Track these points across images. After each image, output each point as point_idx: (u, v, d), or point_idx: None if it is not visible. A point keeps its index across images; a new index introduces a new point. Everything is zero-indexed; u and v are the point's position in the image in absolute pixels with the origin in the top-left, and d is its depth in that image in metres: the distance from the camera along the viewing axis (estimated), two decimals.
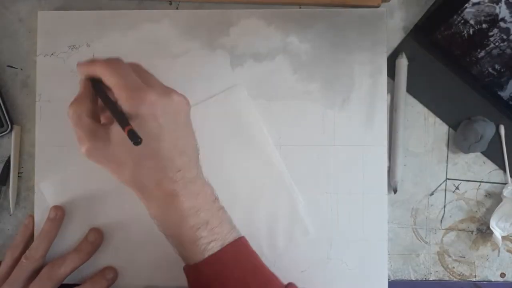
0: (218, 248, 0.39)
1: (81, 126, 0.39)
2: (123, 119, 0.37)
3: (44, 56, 0.49)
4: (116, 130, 0.38)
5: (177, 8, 0.51)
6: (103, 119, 0.43)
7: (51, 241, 0.47)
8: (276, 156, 0.49)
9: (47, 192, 0.49)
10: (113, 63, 0.39)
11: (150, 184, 0.39)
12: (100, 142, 0.38)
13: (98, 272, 0.48)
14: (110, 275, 0.48)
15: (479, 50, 0.47)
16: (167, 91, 0.40)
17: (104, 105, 0.40)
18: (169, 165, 0.38)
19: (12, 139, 0.50)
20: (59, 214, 0.48)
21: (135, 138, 0.35)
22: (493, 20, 0.46)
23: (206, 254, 0.39)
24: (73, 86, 0.49)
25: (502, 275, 0.50)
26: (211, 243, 0.39)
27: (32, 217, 0.49)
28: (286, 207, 0.48)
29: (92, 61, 0.40)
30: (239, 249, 0.41)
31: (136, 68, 0.41)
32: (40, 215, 0.49)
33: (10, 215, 0.51)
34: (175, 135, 0.39)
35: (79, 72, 0.41)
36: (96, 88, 0.41)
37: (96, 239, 0.48)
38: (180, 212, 0.39)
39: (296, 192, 0.48)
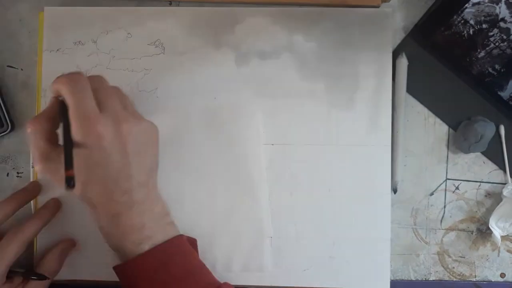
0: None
1: (35, 146, 0.39)
2: (68, 161, 0.37)
3: (50, 52, 0.49)
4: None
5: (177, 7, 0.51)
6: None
7: (17, 207, 0.46)
8: (260, 159, 0.49)
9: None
10: (73, 81, 0.38)
11: (97, 203, 0.40)
12: (52, 164, 0.39)
13: (42, 206, 0.48)
14: (51, 204, 0.48)
15: (479, 50, 0.47)
16: (119, 118, 0.39)
17: (63, 130, 0.40)
18: (115, 189, 0.39)
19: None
20: (56, 207, 0.48)
21: (68, 183, 0.37)
22: (493, 20, 0.46)
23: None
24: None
25: (502, 275, 0.50)
26: None
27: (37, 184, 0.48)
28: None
29: (58, 78, 0.39)
30: (171, 249, 0.41)
31: (97, 83, 0.40)
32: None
33: None
34: (123, 162, 0.39)
35: (50, 89, 0.41)
36: (63, 110, 0.39)
37: (54, 206, 0.48)
38: (123, 228, 0.40)
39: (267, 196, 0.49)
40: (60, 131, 0.40)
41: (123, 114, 0.40)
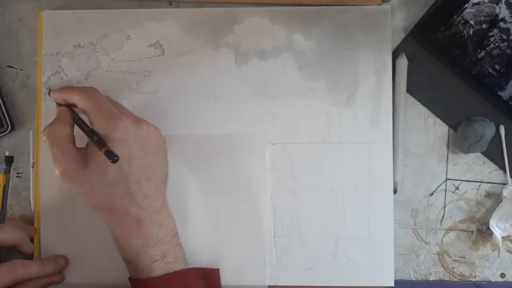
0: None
1: (59, 147, 0.40)
2: (99, 141, 0.39)
3: (50, 56, 0.49)
4: (91, 154, 0.40)
5: (177, 8, 0.51)
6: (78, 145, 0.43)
7: (42, 274, 0.46)
8: (267, 206, 0.49)
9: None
10: (89, 90, 0.41)
11: (119, 208, 0.40)
12: (76, 164, 0.40)
13: (51, 256, 0.48)
14: (61, 262, 0.48)
15: (479, 50, 0.47)
16: (138, 120, 0.42)
17: (80, 129, 0.42)
18: (137, 190, 0.40)
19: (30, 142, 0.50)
20: (63, 265, 0.48)
21: (112, 157, 0.37)
22: (493, 20, 0.46)
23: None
24: (79, 85, 0.49)
25: (502, 275, 0.50)
26: None
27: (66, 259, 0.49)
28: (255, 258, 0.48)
29: (68, 88, 0.42)
30: (184, 278, 0.42)
31: (109, 99, 0.43)
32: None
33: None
34: (144, 161, 0.41)
35: (53, 98, 0.43)
36: (72, 114, 0.43)
37: (64, 264, 0.48)
38: (142, 241, 0.41)
39: (272, 250, 0.49)
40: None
41: (139, 117, 0.42)
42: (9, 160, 0.49)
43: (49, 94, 0.44)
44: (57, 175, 0.40)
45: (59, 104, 0.44)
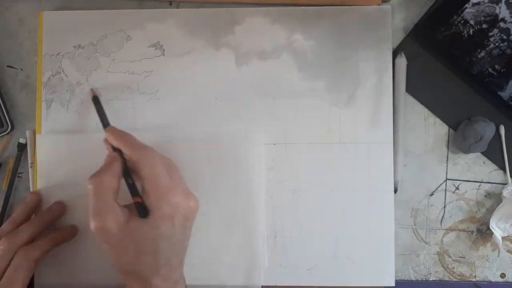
0: None
1: (103, 202, 0.38)
2: (133, 190, 0.39)
3: (50, 56, 0.50)
4: (131, 218, 0.39)
5: (177, 8, 0.51)
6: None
7: (42, 227, 0.45)
8: (264, 206, 0.48)
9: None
10: (147, 155, 0.40)
11: (142, 277, 0.39)
12: (113, 225, 0.38)
13: (44, 210, 0.47)
14: (55, 206, 0.47)
15: (479, 50, 0.47)
16: (188, 195, 0.41)
17: (125, 181, 0.41)
18: (165, 264, 0.39)
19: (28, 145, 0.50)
20: (57, 210, 0.47)
21: (143, 213, 0.38)
22: (493, 20, 0.46)
23: None
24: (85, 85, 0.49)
25: (502, 275, 0.50)
26: None
27: (36, 194, 0.47)
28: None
29: (128, 141, 0.41)
30: None
31: (167, 162, 0.42)
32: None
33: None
34: (180, 237, 0.40)
35: (109, 140, 0.42)
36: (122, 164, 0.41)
37: (59, 209, 0.47)
38: None
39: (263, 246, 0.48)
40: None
41: (188, 192, 0.41)
42: (21, 146, 0.49)
43: (105, 139, 0.43)
44: (91, 229, 0.38)
45: (112, 147, 0.42)
